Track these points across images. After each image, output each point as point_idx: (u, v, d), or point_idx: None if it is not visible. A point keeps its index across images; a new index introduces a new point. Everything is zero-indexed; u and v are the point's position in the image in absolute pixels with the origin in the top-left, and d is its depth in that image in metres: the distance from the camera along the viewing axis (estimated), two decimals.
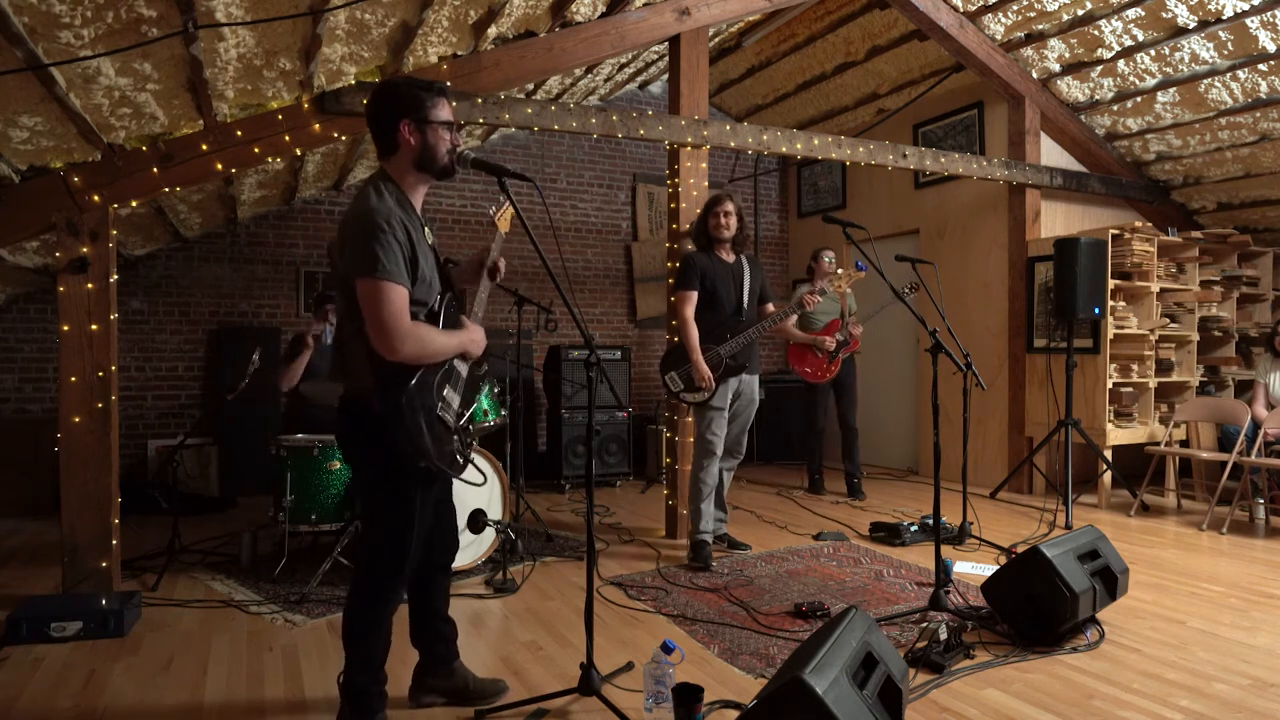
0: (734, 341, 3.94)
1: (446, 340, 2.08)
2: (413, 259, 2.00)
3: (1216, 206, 6.26)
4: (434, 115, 2.06)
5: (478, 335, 2.21)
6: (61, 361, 3.34)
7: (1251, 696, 2.48)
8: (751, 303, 4.10)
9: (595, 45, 4.23)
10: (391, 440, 2.01)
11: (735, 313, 4.04)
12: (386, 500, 2.12)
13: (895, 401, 6.97)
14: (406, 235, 1.99)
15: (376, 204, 1.99)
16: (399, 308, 1.93)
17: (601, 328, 7.16)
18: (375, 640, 2.17)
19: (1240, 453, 4.70)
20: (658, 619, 3.19)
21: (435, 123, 2.06)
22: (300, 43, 3.18)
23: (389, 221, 1.95)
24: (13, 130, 2.96)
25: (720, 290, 4.01)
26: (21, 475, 5.08)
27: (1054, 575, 2.79)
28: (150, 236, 5.28)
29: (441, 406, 2.10)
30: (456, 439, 2.17)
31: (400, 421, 1.99)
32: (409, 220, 2.03)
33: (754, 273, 4.13)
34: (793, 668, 1.90)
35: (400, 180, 2.10)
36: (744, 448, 4.21)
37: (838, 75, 6.72)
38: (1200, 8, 4.56)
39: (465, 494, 3.75)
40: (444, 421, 2.11)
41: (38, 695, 2.53)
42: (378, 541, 2.15)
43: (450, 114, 2.10)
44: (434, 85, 2.08)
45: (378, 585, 2.15)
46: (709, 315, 4.02)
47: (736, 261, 4.11)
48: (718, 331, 3.99)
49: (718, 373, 3.95)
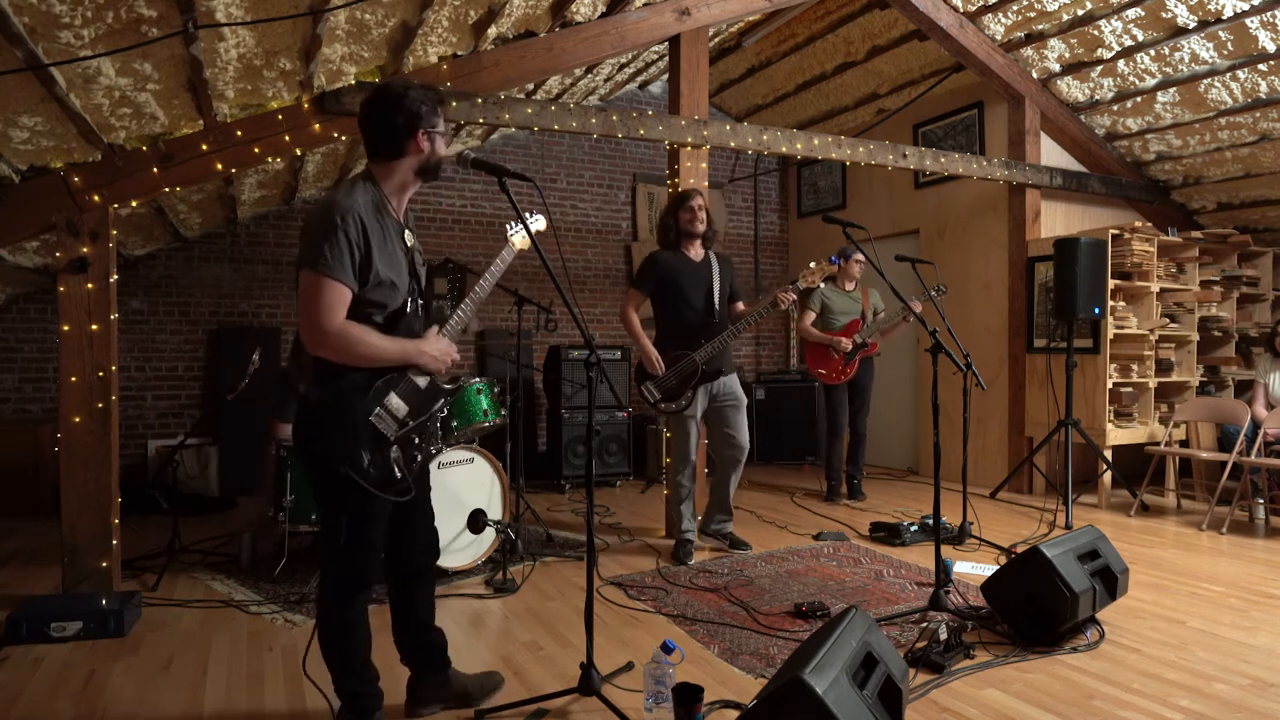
0: (709, 347, 3.86)
1: (382, 345, 2.00)
2: (365, 261, 1.97)
3: (1216, 206, 6.26)
4: (442, 125, 2.12)
5: (434, 348, 2.12)
6: (61, 361, 3.34)
7: (1251, 696, 2.48)
8: (723, 302, 4.00)
9: (595, 45, 4.23)
10: (318, 439, 2.00)
11: (706, 313, 3.94)
12: (331, 502, 2.05)
13: (895, 401, 6.97)
14: (363, 235, 1.96)
15: (342, 199, 1.97)
16: (330, 303, 1.92)
17: (601, 328, 7.16)
18: (349, 643, 2.13)
19: (1240, 453, 4.70)
20: (658, 619, 3.19)
21: (443, 132, 2.12)
22: (300, 43, 3.18)
23: (345, 218, 1.93)
24: (13, 130, 2.97)
25: (688, 290, 3.93)
26: (21, 475, 5.08)
27: (1054, 575, 2.79)
28: (150, 236, 5.28)
29: (379, 413, 2.03)
30: (397, 450, 2.08)
31: (325, 421, 1.99)
32: (379, 222, 2.02)
33: (724, 270, 4.04)
34: (793, 668, 1.90)
35: (386, 182, 2.09)
36: (746, 451, 4.07)
37: (838, 75, 6.72)
38: (1200, 8, 4.57)
39: (465, 494, 3.75)
40: (377, 429, 2.03)
41: (38, 695, 2.53)
42: (333, 543, 2.06)
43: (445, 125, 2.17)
44: (438, 94, 2.12)
45: (338, 589, 2.09)
46: (679, 318, 3.94)
47: (705, 259, 4.02)
48: (692, 337, 3.90)
49: (694, 380, 3.89)
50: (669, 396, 3.93)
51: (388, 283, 2.02)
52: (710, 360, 3.88)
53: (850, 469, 5.57)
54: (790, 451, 6.97)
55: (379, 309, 2.04)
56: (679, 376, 3.91)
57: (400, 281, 2.06)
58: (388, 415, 2.06)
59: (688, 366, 3.88)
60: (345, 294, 1.94)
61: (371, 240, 1.98)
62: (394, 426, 2.07)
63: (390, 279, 2.02)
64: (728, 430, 4.04)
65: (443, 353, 2.13)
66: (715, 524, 4.20)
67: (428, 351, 2.09)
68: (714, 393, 4.00)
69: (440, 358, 2.12)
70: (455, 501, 3.70)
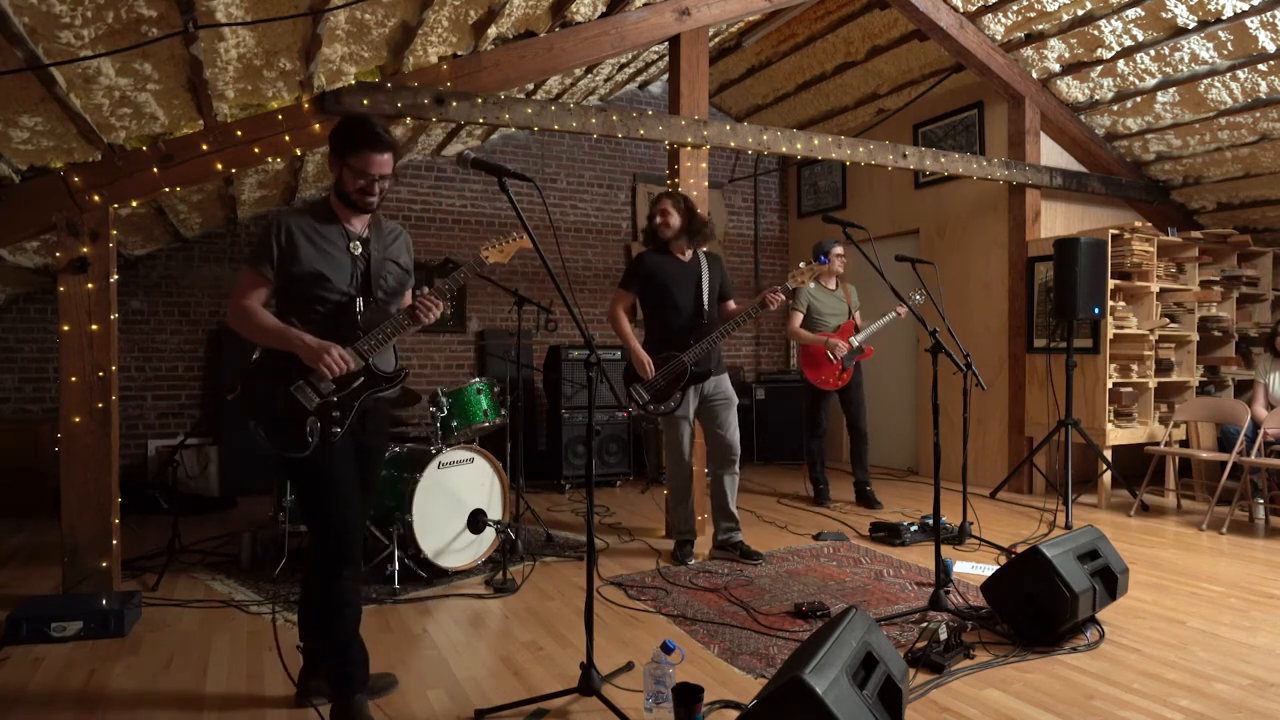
0: (698, 348, 3.81)
1: (265, 325, 2.23)
2: (285, 259, 2.23)
3: (1216, 206, 6.26)
4: (354, 162, 2.24)
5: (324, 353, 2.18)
6: (61, 361, 3.34)
7: (1251, 696, 2.48)
8: (712, 302, 3.97)
9: (595, 45, 4.23)
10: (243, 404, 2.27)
11: (695, 314, 3.90)
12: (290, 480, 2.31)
13: (895, 401, 6.97)
14: (289, 240, 2.24)
15: (288, 208, 2.27)
16: (242, 286, 2.27)
17: (601, 328, 7.16)
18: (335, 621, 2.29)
19: (1240, 453, 4.70)
20: (658, 619, 3.19)
21: (353, 168, 2.25)
22: (300, 43, 3.18)
23: (278, 224, 2.25)
24: (13, 130, 2.97)
25: (675, 291, 3.91)
26: (21, 475, 5.08)
27: (1054, 575, 2.79)
28: (150, 236, 5.28)
29: (299, 386, 2.24)
30: (316, 421, 2.24)
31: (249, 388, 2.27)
32: (319, 229, 2.29)
33: (713, 270, 4.01)
34: (793, 668, 1.90)
35: (331, 195, 2.36)
36: (737, 450, 4.02)
37: (838, 75, 6.72)
38: (1200, 8, 4.57)
39: (465, 494, 3.76)
40: (297, 400, 2.23)
41: (38, 695, 2.53)
42: (305, 520, 2.35)
43: (376, 167, 2.24)
44: (373, 138, 2.23)
45: (316, 563, 2.31)
46: (667, 319, 3.92)
47: (693, 259, 4.00)
48: (680, 338, 3.87)
49: (683, 381, 3.86)
50: (657, 398, 3.90)
51: (312, 274, 2.25)
52: (700, 361, 3.84)
53: (858, 474, 5.39)
54: (790, 451, 6.97)
55: (320, 303, 2.27)
56: (668, 378, 3.88)
57: (336, 279, 2.28)
58: (312, 389, 2.25)
59: (676, 368, 3.84)
60: (257, 280, 2.26)
61: (299, 244, 2.25)
62: (313, 398, 2.26)
63: (317, 270, 2.25)
64: (718, 430, 4.00)
65: (320, 347, 2.19)
66: (723, 534, 4.11)
67: (309, 344, 2.20)
68: (705, 393, 3.97)
69: (316, 350, 2.19)
70: (455, 501, 3.71)
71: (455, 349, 6.59)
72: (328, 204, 2.35)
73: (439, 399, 3.93)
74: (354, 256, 2.33)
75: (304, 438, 2.22)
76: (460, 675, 2.66)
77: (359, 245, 2.34)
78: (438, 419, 3.88)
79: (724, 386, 4.02)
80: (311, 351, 2.19)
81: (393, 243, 2.43)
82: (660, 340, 3.94)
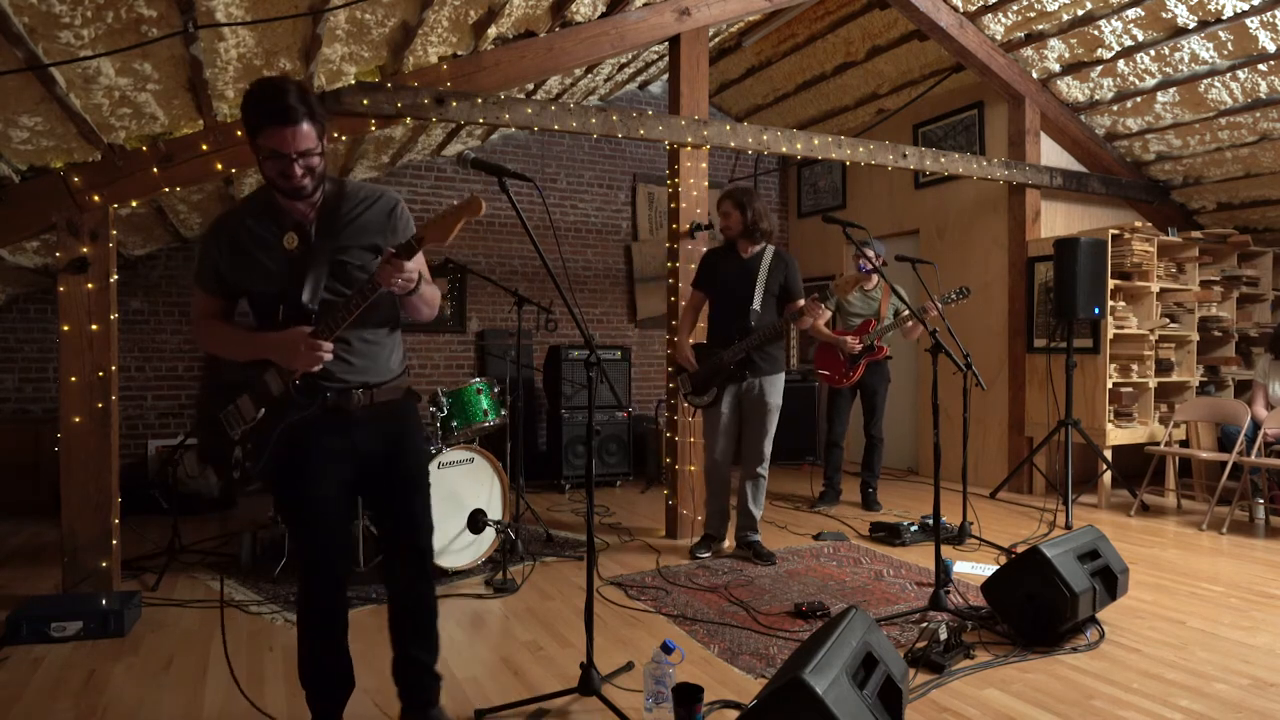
0: (738, 346, 3.85)
1: (235, 340, 1.99)
2: (225, 264, 1.98)
3: (1216, 206, 6.26)
4: (262, 143, 1.85)
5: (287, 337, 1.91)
6: (61, 361, 3.34)
7: (1251, 696, 2.48)
8: (767, 300, 3.92)
9: (595, 45, 4.23)
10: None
11: (742, 313, 3.89)
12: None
13: (895, 401, 6.94)
14: (219, 246, 1.99)
15: (226, 210, 2.07)
16: (195, 308, 2.08)
17: (601, 328, 7.16)
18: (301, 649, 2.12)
19: (1240, 453, 4.70)
20: (658, 619, 3.19)
21: (263, 150, 1.86)
22: (300, 43, 3.18)
23: (212, 229, 2.02)
24: (13, 130, 2.97)
25: (728, 288, 3.97)
26: (21, 475, 5.08)
27: (1054, 575, 2.79)
28: (150, 236, 5.28)
29: (229, 413, 2.01)
30: (238, 452, 2.01)
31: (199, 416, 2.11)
32: (251, 227, 1.97)
33: (774, 268, 3.95)
34: (793, 668, 1.90)
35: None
36: (762, 458, 3.97)
37: (838, 75, 6.72)
38: (1200, 8, 4.56)
39: (465, 494, 3.75)
40: (222, 428, 2.02)
41: (38, 695, 2.53)
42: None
43: (289, 144, 1.83)
44: (277, 112, 1.81)
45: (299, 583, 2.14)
46: (717, 315, 4.04)
47: (753, 257, 3.99)
48: (724, 335, 3.94)
49: (720, 377, 3.91)
50: (697, 390, 4.01)
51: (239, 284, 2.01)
52: (740, 360, 3.87)
53: (865, 475, 5.31)
54: (790, 451, 6.97)
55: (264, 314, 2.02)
56: (708, 373, 3.98)
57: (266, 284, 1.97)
58: (238, 418, 2.01)
59: (715, 363, 3.94)
60: (205, 299, 2.06)
61: (232, 248, 1.98)
62: (237, 428, 2.01)
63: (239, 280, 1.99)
64: (748, 433, 4.02)
65: (293, 341, 1.90)
66: (740, 532, 4.12)
67: (283, 343, 1.91)
68: (743, 393, 3.96)
69: (290, 345, 1.90)
70: (455, 501, 3.70)
71: (455, 349, 6.58)
72: (268, 193, 1.99)
73: (439, 399, 3.94)
74: (288, 253, 1.96)
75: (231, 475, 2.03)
76: (460, 675, 2.66)
77: (294, 239, 1.96)
78: (438, 419, 3.89)
79: (766, 390, 3.92)
80: (276, 346, 1.92)
81: (355, 219, 2.01)
82: (712, 335, 4.06)
